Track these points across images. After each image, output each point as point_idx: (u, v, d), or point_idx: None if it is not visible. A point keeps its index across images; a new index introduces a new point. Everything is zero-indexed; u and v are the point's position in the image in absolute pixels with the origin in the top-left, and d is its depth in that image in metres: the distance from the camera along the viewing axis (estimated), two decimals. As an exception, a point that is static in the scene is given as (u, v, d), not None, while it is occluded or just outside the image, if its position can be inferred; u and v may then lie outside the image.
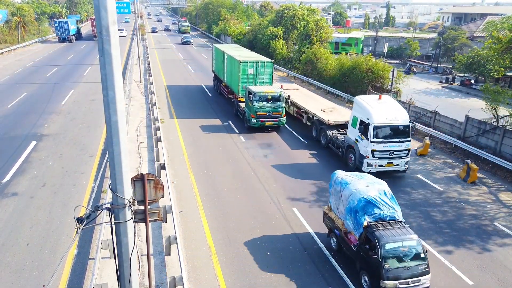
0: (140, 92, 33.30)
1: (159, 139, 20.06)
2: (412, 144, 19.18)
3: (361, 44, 65.33)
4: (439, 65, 54.39)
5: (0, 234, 12.92)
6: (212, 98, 32.51)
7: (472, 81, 43.10)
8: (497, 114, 23.10)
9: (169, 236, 11.83)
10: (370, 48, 65.48)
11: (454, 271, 12.20)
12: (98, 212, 6.07)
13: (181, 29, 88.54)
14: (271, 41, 48.67)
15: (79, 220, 5.85)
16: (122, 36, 70.61)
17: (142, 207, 7.07)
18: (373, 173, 16.19)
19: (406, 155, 18.09)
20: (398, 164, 18.11)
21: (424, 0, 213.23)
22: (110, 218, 6.14)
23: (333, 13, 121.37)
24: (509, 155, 20.48)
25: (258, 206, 15.58)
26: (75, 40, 67.25)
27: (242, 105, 25.73)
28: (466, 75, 44.88)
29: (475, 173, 18.38)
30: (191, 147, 21.48)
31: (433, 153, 22.13)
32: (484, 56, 38.28)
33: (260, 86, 25.09)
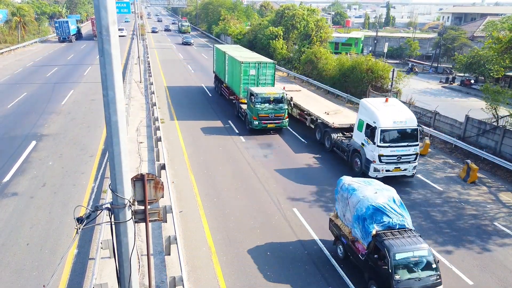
0: (140, 92, 33.30)
1: (159, 139, 20.06)
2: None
3: (361, 44, 65.34)
4: (439, 65, 54.39)
5: (0, 234, 12.92)
6: (212, 99, 32.51)
7: (472, 81, 43.08)
8: (497, 114, 23.10)
9: (169, 236, 11.83)
10: (370, 48, 65.47)
11: (454, 271, 12.20)
12: (98, 212, 6.08)
13: (181, 29, 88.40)
14: (271, 41, 48.66)
15: (79, 220, 5.85)
16: (122, 36, 70.68)
17: (142, 207, 7.07)
18: (380, 178, 15.86)
19: (414, 160, 17.58)
20: (406, 169, 17.60)
21: (424, 0, 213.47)
22: (110, 218, 6.14)
23: (333, 13, 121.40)
24: (509, 155, 20.49)
25: (258, 206, 15.58)
26: (75, 40, 67.40)
27: (244, 107, 25.36)
28: (466, 75, 44.89)
29: (475, 173, 18.39)
30: (191, 147, 21.48)
31: (433, 153, 22.13)
32: (484, 56, 38.28)
33: (262, 88, 24.75)
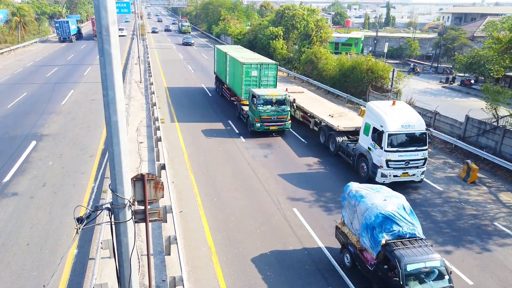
0: (140, 92, 33.30)
1: (159, 139, 20.06)
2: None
3: (361, 44, 65.35)
4: (439, 65, 54.38)
5: (0, 234, 12.93)
6: (212, 99, 32.51)
7: (472, 81, 43.07)
8: (497, 114, 23.09)
9: (169, 236, 11.82)
10: (370, 48, 65.47)
11: (454, 271, 12.17)
12: (98, 212, 6.08)
13: (182, 30, 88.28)
14: (271, 41, 48.64)
15: (79, 220, 5.85)
16: (122, 36, 70.74)
17: (142, 207, 7.07)
18: (387, 184, 15.53)
19: (423, 165, 17.03)
20: (414, 174, 17.00)
21: (424, 0, 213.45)
22: (110, 218, 6.14)
23: (333, 13, 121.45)
24: (509, 155, 20.48)
25: (258, 206, 15.59)
26: (76, 40, 67.50)
27: (246, 109, 24.92)
28: (466, 75, 44.88)
29: (475, 173, 18.38)
30: (191, 147, 21.47)
31: (433, 153, 22.11)
32: (484, 56, 38.28)
33: (265, 89, 24.31)
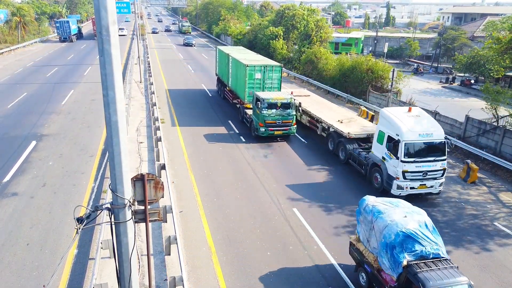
0: (140, 92, 33.31)
1: (159, 139, 20.06)
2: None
3: (361, 44, 65.38)
4: (439, 65, 54.41)
5: (0, 234, 12.93)
6: (212, 99, 32.50)
7: (472, 81, 43.10)
8: (497, 114, 23.10)
9: (169, 236, 11.82)
10: (370, 48, 65.50)
11: (454, 271, 12.19)
12: (98, 212, 6.07)
13: (182, 30, 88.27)
14: (271, 41, 48.67)
15: (79, 220, 5.84)
16: (123, 35, 70.78)
17: (142, 207, 7.07)
18: (403, 196, 15.26)
19: (441, 176, 16.02)
20: (432, 186, 15.90)
21: (424, 0, 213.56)
22: (110, 218, 6.14)
23: (333, 13, 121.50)
24: (509, 155, 20.48)
25: (258, 206, 15.59)
26: (76, 40, 67.55)
27: (249, 112, 24.16)
28: (466, 75, 44.90)
29: (475, 173, 18.39)
30: (191, 147, 21.47)
31: (433, 153, 22.09)
32: (484, 56, 38.29)
33: (269, 92, 23.50)
